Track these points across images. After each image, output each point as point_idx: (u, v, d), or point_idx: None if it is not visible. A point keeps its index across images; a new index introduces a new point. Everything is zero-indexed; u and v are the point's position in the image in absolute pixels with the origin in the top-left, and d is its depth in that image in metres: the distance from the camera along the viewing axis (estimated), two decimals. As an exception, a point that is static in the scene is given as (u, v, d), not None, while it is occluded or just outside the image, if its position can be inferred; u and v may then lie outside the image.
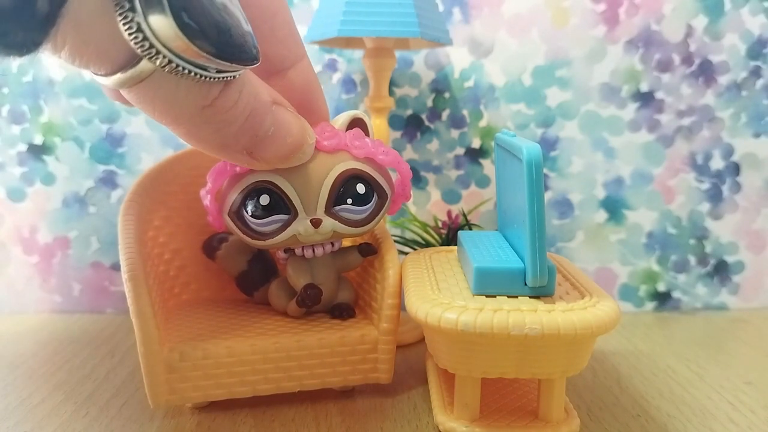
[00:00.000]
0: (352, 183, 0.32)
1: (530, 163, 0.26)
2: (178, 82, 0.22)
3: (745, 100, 0.51)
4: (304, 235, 0.31)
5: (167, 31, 0.19)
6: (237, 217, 0.32)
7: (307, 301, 0.33)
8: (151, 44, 0.20)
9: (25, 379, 0.38)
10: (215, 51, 0.21)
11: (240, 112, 0.24)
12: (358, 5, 0.37)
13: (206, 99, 0.23)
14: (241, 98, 0.24)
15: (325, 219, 0.31)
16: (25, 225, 0.51)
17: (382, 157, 0.33)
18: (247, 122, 0.25)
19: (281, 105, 0.27)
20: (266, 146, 0.27)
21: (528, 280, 0.28)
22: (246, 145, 0.26)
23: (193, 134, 0.25)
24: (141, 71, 0.21)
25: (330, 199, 0.31)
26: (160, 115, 0.23)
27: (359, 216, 0.32)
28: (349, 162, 0.31)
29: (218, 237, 0.39)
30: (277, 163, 0.28)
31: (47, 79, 0.49)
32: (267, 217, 0.31)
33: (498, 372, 0.28)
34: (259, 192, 0.31)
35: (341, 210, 0.32)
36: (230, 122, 0.24)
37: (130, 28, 0.19)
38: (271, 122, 0.26)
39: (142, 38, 0.20)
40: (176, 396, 0.31)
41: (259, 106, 0.25)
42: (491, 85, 0.50)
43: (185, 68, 0.21)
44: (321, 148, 0.31)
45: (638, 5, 0.49)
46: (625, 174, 0.51)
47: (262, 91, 0.26)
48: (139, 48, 0.20)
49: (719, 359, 0.42)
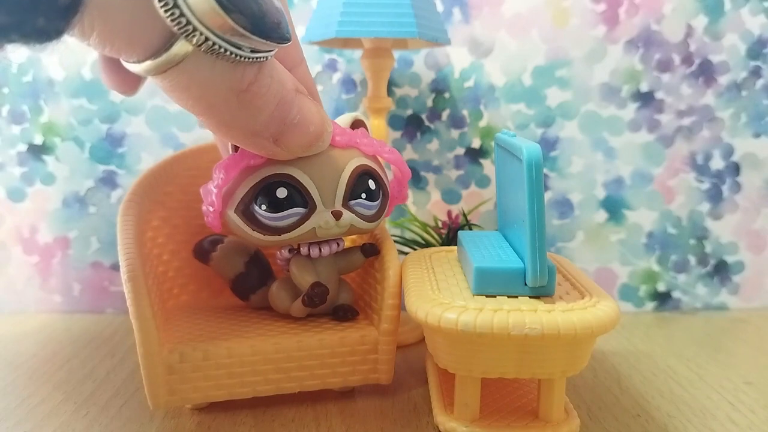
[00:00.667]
0: (365, 178, 0.32)
1: (530, 163, 0.26)
2: (213, 65, 0.22)
3: (745, 100, 0.51)
4: (324, 228, 0.31)
5: (204, 6, 0.19)
6: (245, 213, 0.31)
7: (315, 299, 0.33)
8: (188, 20, 0.20)
9: (25, 379, 0.38)
10: (251, 27, 0.21)
11: (272, 99, 0.24)
12: (356, 6, 0.37)
13: (242, 83, 0.23)
14: (273, 84, 0.24)
15: (345, 212, 0.31)
16: (25, 225, 0.51)
17: (387, 155, 0.33)
18: (277, 109, 0.25)
19: (303, 93, 0.27)
20: (292, 134, 0.27)
21: (528, 280, 0.28)
22: (274, 133, 0.26)
23: (226, 121, 0.24)
24: (174, 55, 0.20)
25: (347, 193, 0.31)
26: (195, 102, 0.23)
27: (371, 211, 0.32)
28: (360, 158, 0.32)
29: (210, 239, 0.37)
30: (300, 151, 0.28)
31: (47, 79, 0.49)
32: (283, 211, 0.30)
33: (498, 372, 0.28)
34: (275, 185, 0.30)
35: (356, 204, 0.32)
36: (263, 108, 0.24)
37: (167, 5, 0.19)
38: (297, 110, 0.26)
39: (179, 14, 0.19)
40: (176, 397, 0.31)
41: (286, 94, 0.25)
42: (491, 85, 0.50)
43: (221, 47, 0.21)
44: (335, 144, 0.31)
45: (638, 5, 0.49)
46: (625, 174, 0.51)
47: (286, 78, 0.26)
48: (176, 25, 0.20)
49: (719, 359, 0.42)
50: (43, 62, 0.49)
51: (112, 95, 0.50)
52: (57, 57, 0.49)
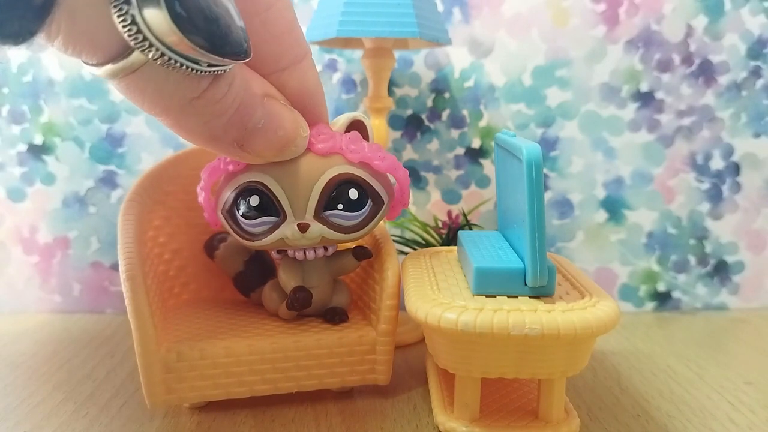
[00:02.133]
0: (345, 188, 0.31)
1: (530, 163, 0.26)
2: (168, 74, 0.22)
3: (745, 100, 0.51)
4: (291, 239, 0.31)
5: (162, 25, 0.19)
6: (229, 215, 0.32)
7: (295, 304, 0.33)
8: (145, 37, 0.20)
9: (25, 379, 0.38)
10: (208, 46, 0.21)
11: (229, 104, 0.24)
12: (357, 6, 0.37)
13: (196, 91, 0.23)
14: (231, 90, 0.24)
15: (313, 224, 0.31)
16: (25, 225, 0.51)
17: (377, 163, 0.31)
18: (237, 114, 0.25)
19: (273, 98, 0.27)
20: (257, 138, 0.27)
21: (528, 280, 0.28)
22: (236, 137, 0.26)
23: (183, 125, 0.25)
24: (132, 63, 0.21)
25: (320, 204, 0.30)
26: (150, 106, 0.23)
27: (351, 222, 0.31)
28: (342, 166, 0.31)
29: (218, 237, 0.39)
30: (270, 156, 0.28)
31: (47, 79, 0.49)
32: (256, 218, 0.31)
33: (498, 372, 0.28)
34: (250, 192, 0.30)
35: (331, 215, 0.31)
36: (219, 114, 0.24)
37: (125, 20, 0.19)
38: (261, 115, 0.26)
39: (136, 31, 0.20)
40: (173, 396, 0.31)
41: (248, 99, 0.25)
42: (491, 85, 0.50)
43: (177, 61, 0.21)
44: (314, 151, 0.30)
45: (638, 5, 0.49)
46: (625, 174, 0.51)
47: (253, 83, 0.26)
48: (133, 41, 0.20)
49: (719, 359, 0.42)
50: (43, 62, 0.49)
51: (112, 95, 0.50)
52: (57, 57, 0.49)
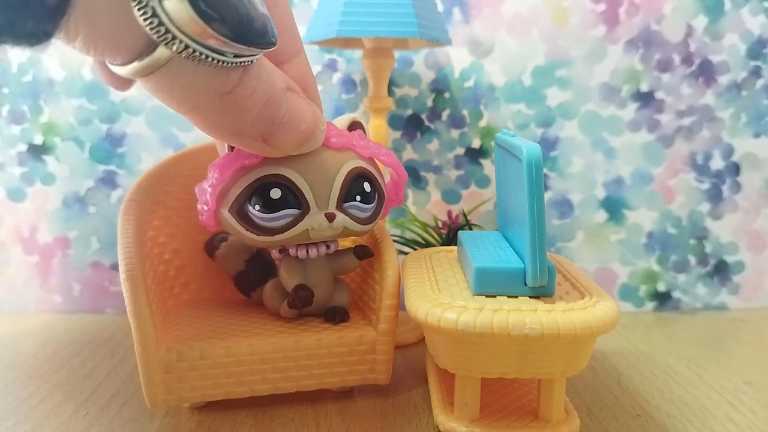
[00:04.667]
0: (360, 181, 0.32)
1: (530, 163, 0.26)
2: (196, 68, 0.22)
3: (745, 100, 0.51)
4: (317, 230, 0.31)
5: (183, 15, 0.19)
6: (239, 213, 0.31)
7: (297, 302, 0.33)
8: (167, 29, 0.20)
9: (25, 379, 0.38)
10: (232, 35, 0.21)
11: (258, 99, 0.24)
12: (357, 6, 0.37)
13: (226, 86, 0.23)
14: (259, 85, 0.24)
15: (338, 214, 0.31)
16: (25, 225, 0.51)
17: (384, 158, 0.33)
18: (264, 109, 0.25)
19: (294, 91, 0.27)
20: (281, 133, 0.27)
21: (528, 280, 0.28)
22: (262, 132, 0.26)
23: (212, 122, 0.24)
24: (158, 58, 0.21)
25: (341, 195, 0.31)
26: (179, 104, 0.23)
27: (365, 214, 0.32)
28: (356, 160, 0.32)
29: (219, 236, 0.38)
30: (291, 150, 0.28)
31: (47, 79, 0.49)
32: (276, 212, 0.30)
33: (498, 372, 0.28)
34: (269, 186, 0.30)
35: (350, 206, 0.32)
36: (248, 109, 0.24)
37: (145, 13, 0.19)
38: (286, 109, 0.26)
39: (158, 23, 0.19)
40: (173, 396, 0.31)
41: (275, 93, 0.25)
42: (491, 85, 0.50)
43: (202, 53, 0.21)
44: (330, 145, 0.31)
45: (638, 5, 0.49)
46: (625, 174, 0.51)
47: (276, 77, 0.26)
48: (155, 34, 0.20)
49: (719, 359, 0.42)
50: (43, 62, 0.49)
51: (112, 95, 0.50)
52: (57, 57, 0.49)
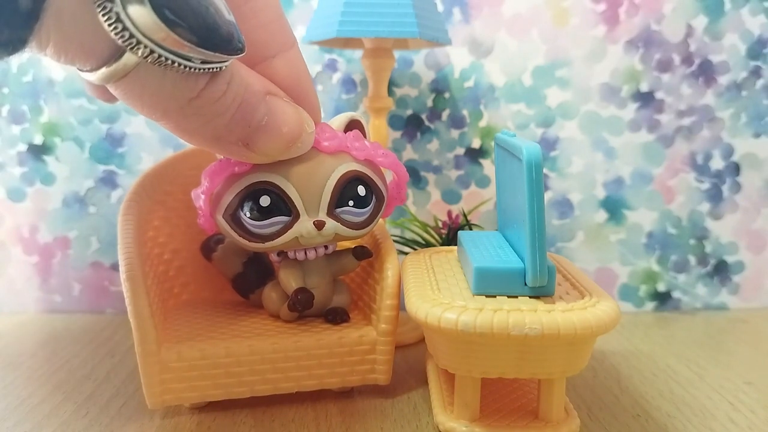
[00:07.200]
0: (354, 185, 0.31)
1: (530, 163, 0.26)
2: (163, 74, 0.22)
3: (745, 100, 0.51)
4: (306, 237, 0.31)
5: (146, 21, 0.19)
6: (233, 219, 0.31)
7: (297, 305, 0.33)
8: (132, 34, 0.20)
9: (25, 379, 0.38)
10: (197, 40, 0.21)
11: (230, 103, 0.24)
12: (357, 6, 0.37)
13: (193, 91, 0.23)
14: (230, 88, 0.24)
15: (328, 221, 0.31)
16: (25, 225, 0.51)
17: (381, 159, 0.32)
18: (238, 113, 0.25)
19: (275, 95, 0.27)
20: (262, 136, 0.26)
21: (528, 280, 0.28)
22: (240, 137, 0.26)
23: (184, 127, 0.24)
24: (125, 64, 0.21)
25: (332, 201, 0.31)
26: (149, 110, 0.23)
27: (359, 218, 0.32)
28: (350, 164, 0.31)
29: (215, 238, 0.38)
30: (277, 154, 0.28)
31: (47, 79, 0.49)
32: (266, 219, 0.30)
33: (498, 372, 0.28)
34: (259, 193, 0.30)
35: (342, 212, 0.31)
36: (220, 113, 0.24)
37: (110, 18, 0.19)
38: (264, 112, 0.26)
39: (122, 28, 0.19)
40: (173, 396, 0.31)
41: (249, 96, 0.25)
42: (491, 85, 0.50)
43: (168, 59, 0.21)
44: (322, 149, 0.30)
45: (638, 5, 0.49)
46: (625, 174, 0.51)
47: (253, 81, 0.25)
48: (120, 39, 0.20)
49: (719, 359, 0.42)
50: (43, 62, 0.49)
51: (112, 95, 0.50)
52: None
